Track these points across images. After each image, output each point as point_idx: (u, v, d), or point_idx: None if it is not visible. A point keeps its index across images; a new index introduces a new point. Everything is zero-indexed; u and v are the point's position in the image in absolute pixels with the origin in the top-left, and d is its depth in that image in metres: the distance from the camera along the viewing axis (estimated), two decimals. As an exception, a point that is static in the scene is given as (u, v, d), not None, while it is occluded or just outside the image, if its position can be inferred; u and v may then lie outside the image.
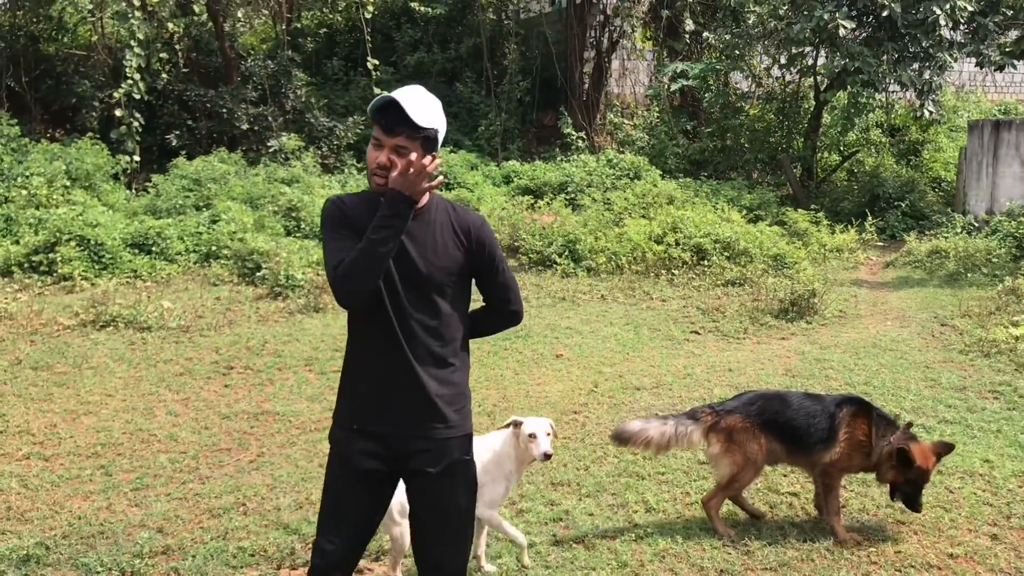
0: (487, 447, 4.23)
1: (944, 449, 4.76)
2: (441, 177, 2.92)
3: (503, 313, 3.28)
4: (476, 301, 3.17)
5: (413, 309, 3.00)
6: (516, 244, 11.82)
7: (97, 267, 11.01)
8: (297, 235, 12.32)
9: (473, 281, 3.17)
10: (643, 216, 12.67)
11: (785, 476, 5.47)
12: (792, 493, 5.23)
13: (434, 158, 2.87)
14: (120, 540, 4.65)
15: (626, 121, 19.04)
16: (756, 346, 8.62)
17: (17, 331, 8.81)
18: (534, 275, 11.20)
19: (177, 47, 16.07)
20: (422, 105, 2.94)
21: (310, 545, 4.08)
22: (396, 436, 3.03)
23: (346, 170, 15.51)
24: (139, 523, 4.86)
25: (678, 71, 17.47)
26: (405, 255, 2.98)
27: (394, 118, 2.92)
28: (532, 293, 10.44)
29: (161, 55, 15.07)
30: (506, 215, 12.53)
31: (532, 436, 4.01)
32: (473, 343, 3.29)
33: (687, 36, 18.82)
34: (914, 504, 4.68)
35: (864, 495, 5.20)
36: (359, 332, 3.07)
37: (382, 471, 3.07)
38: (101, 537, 4.69)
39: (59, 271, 10.68)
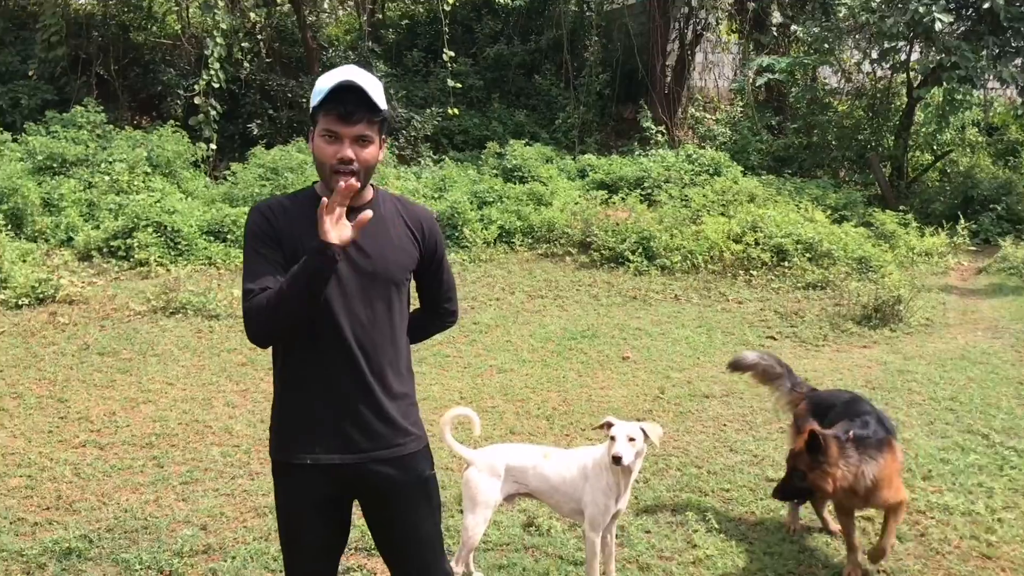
0: (575, 461, 4.03)
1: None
2: (370, 212, 2.53)
3: (442, 314, 3.05)
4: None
5: (366, 313, 2.69)
6: (588, 240, 11.55)
7: (173, 253, 11.12)
8: (369, 226, 12.28)
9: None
10: (722, 214, 12.26)
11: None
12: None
13: (352, 186, 2.49)
14: (163, 536, 4.58)
15: (708, 115, 18.54)
16: (835, 354, 8.20)
17: (89, 316, 8.92)
18: (605, 272, 10.91)
19: (259, 37, 16.20)
20: (375, 85, 2.63)
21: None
22: (354, 463, 2.72)
23: (422, 161, 15.44)
24: (184, 519, 4.78)
25: (764, 65, 16.89)
26: (355, 251, 2.65)
27: (353, 103, 2.59)
28: (602, 291, 10.17)
29: (243, 44, 15.22)
30: (579, 210, 12.27)
31: (612, 439, 3.81)
32: (535, 341, 3.07)
33: (774, 29, 18.22)
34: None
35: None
36: (301, 344, 2.67)
37: (340, 497, 2.81)
38: (144, 532, 4.63)
39: (136, 256, 10.81)
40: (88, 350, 7.87)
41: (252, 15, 15.31)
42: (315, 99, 2.63)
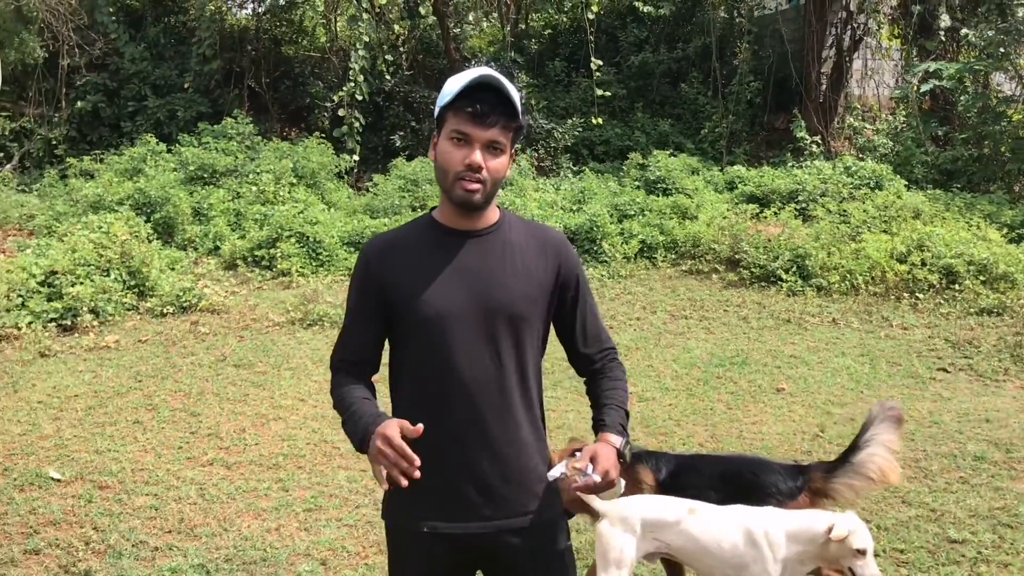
0: (735, 521, 3.47)
1: None
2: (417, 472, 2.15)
3: (601, 357, 2.55)
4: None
5: (490, 354, 2.32)
6: (737, 256, 10.89)
7: (314, 264, 11.15)
8: (508, 239, 12.01)
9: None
10: (884, 231, 11.34)
11: None
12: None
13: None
14: (281, 571, 4.35)
15: (867, 125, 17.43)
16: (1020, 391, 7.31)
17: (229, 325, 8.96)
18: (756, 292, 10.23)
19: (401, 49, 16.27)
20: (512, 88, 2.29)
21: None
22: (478, 533, 2.35)
23: (561, 172, 15.10)
24: (304, 551, 4.54)
25: (930, 71, 15.73)
26: (475, 284, 2.33)
27: (489, 103, 2.25)
28: (752, 312, 9.51)
29: (386, 57, 15.29)
30: (727, 224, 11.60)
31: (860, 552, 3.15)
32: (678, 366, 2.63)
33: (941, 33, 16.99)
34: None
35: None
36: (413, 390, 2.38)
37: (461, 570, 2.45)
38: (263, 564, 4.41)
39: (278, 267, 10.89)
40: (224, 361, 7.86)
41: (396, 27, 15.36)
42: (445, 98, 2.31)
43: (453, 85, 2.30)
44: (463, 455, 2.35)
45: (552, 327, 2.54)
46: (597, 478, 2.23)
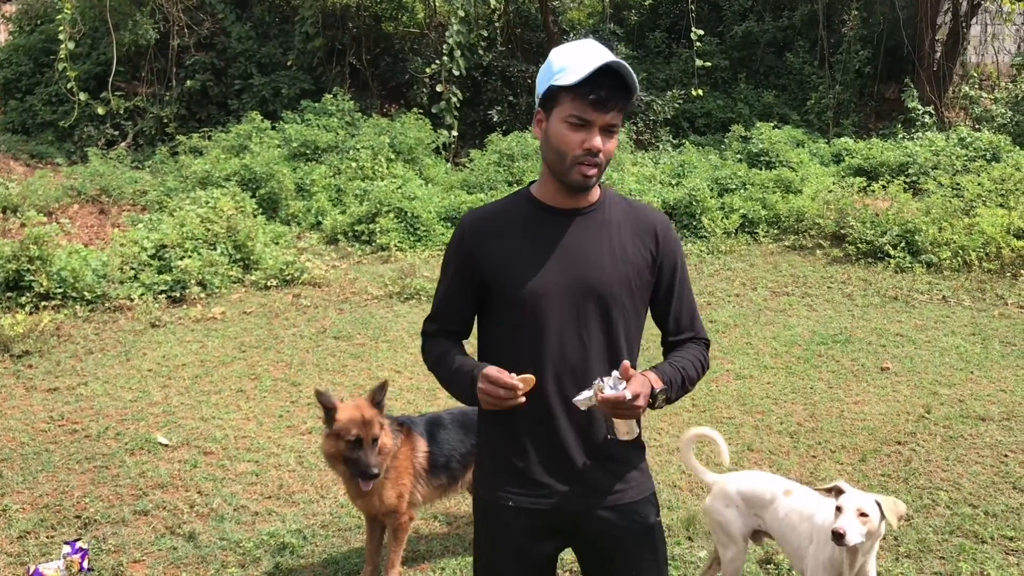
0: (810, 509, 3.37)
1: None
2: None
3: (689, 344, 2.48)
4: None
5: (581, 333, 2.31)
6: (843, 232, 10.53)
7: (412, 239, 11.28)
8: (604, 214, 11.88)
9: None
10: (1001, 205, 10.80)
11: None
12: None
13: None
14: (375, 538, 4.42)
15: (984, 94, 16.58)
16: None
17: (330, 298, 9.15)
18: (861, 268, 9.88)
19: (496, 24, 16.22)
20: (627, 66, 2.23)
21: None
22: (563, 508, 2.36)
23: (661, 146, 14.85)
24: (397, 520, 4.61)
25: (1056, 35, 14.88)
26: (569, 264, 2.31)
27: (610, 87, 2.20)
28: (857, 289, 9.20)
29: (482, 32, 15.28)
30: (833, 198, 11.22)
31: (837, 509, 3.06)
32: (778, 344, 2.59)
33: (1069, -7, 15.98)
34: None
35: None
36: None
37: (548, 546, 2.42)
38: (358, 531, 4.50)
39: (377, 241, 11.05)
40: (325, 333, 8.03)
41: (493, 1, 15.31)
42: (559, 76, 2.24)
43: (570, 63, 2.23)
44: (549, 432, 2.34)
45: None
46: (628, 394, 2.14)
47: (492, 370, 2.21)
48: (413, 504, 3.97)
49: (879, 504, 3.05)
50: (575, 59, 2.22)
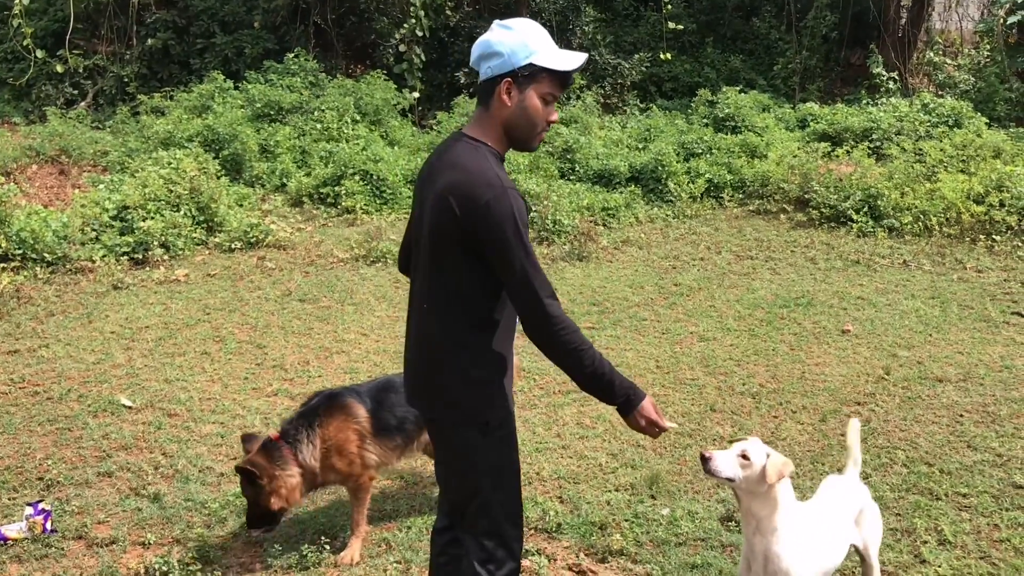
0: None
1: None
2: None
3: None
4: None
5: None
6: (806, 196, 10.63)
7: (378, 201, 11.20)
8: (571, 178, 11.88)
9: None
10: (962, 171, 10.95)
11: None
12: None
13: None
14: (344, 499, 4.44)
15: (948, 61, 16.73)
16: (1100, 337, 7.05)
17: (295, 261, 9.09)
18: (824, 232, 9.99)
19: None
20: None
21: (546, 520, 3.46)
22: None
23: (628, 110, 14.84)
24: (363, 481, 4.64)
25: (1018, 2, 14.99)
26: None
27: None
28: (820, 253, 9.31)
29: (449, -8, 15.13)
30: (797, 163, 11.30)
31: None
32: (742, 307, 2.94)
33: (1033, -40, 16.11)
34: None
35: None
36: (507, 316, 2.83)
37: None
38: (323, 491, 4.51)
39: (343, 204, 10.97)
40: (290, 296, 7.99)
41: (461, -39, 15.14)
42: (556, 63, 2.59)
43: (550, 48, 2.59)
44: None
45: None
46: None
47: (654, 413, 2.75)
48: (368, 466, 4.02)
49: (768, 456, 3.02)
50: (551, 45, 2.61)
